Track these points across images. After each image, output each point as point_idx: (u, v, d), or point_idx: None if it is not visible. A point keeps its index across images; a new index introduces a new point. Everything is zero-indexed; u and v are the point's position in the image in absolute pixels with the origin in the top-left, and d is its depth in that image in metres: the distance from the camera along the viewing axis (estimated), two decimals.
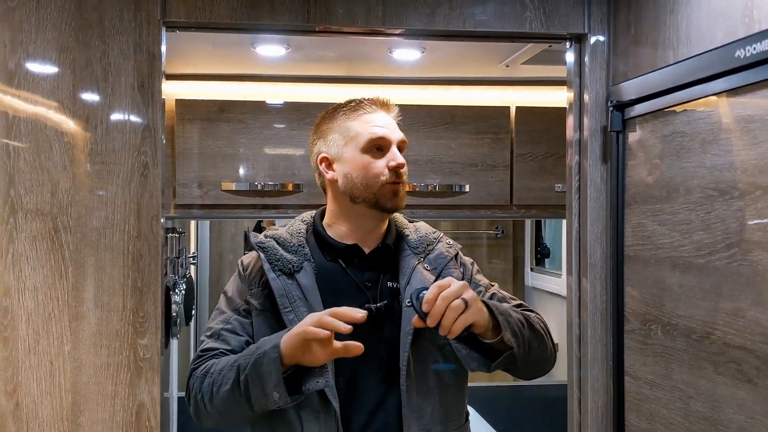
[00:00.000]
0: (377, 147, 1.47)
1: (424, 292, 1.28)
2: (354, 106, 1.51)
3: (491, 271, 3.98)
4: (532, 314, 1.52)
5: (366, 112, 1.50)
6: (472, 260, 1.63)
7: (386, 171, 1.46)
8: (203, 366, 1.42)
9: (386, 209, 1.48)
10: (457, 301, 1.26)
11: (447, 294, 1.26)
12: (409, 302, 1.44)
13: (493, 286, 1.61)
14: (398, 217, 1.61)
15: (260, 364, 1.30)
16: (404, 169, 1.48)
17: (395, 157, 1.46)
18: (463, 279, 1.55)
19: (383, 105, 1.52)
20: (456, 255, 1.58)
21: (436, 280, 1.48)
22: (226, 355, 1.44)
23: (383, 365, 1.45)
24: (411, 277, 1.48)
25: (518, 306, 1.56)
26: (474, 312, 1.29)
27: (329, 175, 1.52)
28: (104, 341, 1.55)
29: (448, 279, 1.31)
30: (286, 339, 1.30)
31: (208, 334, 1.49)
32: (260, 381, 1.30)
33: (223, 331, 1.47)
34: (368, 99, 1.53)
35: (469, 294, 1.29)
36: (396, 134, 1.49)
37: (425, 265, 1.52)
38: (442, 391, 1.48)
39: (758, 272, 1.18)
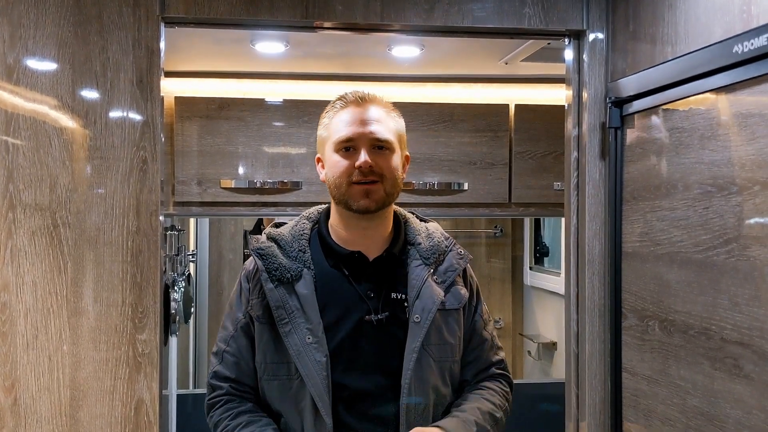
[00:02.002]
0: (345, 147, 1.41)
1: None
2: (333, 103, 1.48)
3: (490, 271, 3.98)
4: (498, 397, 1.53)
5: (339, 110, 1.45)
6: (477, 283, 1.61)
7: (354, 170, 1.40)
8: (218, 416, 1.46)
9: (354, 210, 1.42)
10: None
11: None
12: (417, 318, 1.42)
13: (489, 323, 1.59)
14: (411, 219, 1.57)
15: None
16: (384, 168, 1.41)
17: (360, 156, 1.40)
18: (468, 299, 1.52)
19: (358, 100, 1.45)
20: (464, 269, 1.55)
21: (444, 296, 1.46)
22: (233, 396, 1.48)
23: (384, 378, 1.42)
24: (421, 290, 1.44)
25: (499, 364, 1.56)
26: None
27: (321, 175, 1.50)
28: (103, 336, 1.55)
29: None
30: None
31: (215, 350, 1.52)
32: None
33: (225, 354, 1.49)
34: (346, 95, 1.47)
35: None
36: (366, 132, 1.41)
37: (435, 277, 1.48)
38: (439, 407, 1.46)
39: (756, 267, 1.18)
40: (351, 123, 1.42)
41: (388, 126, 1.45)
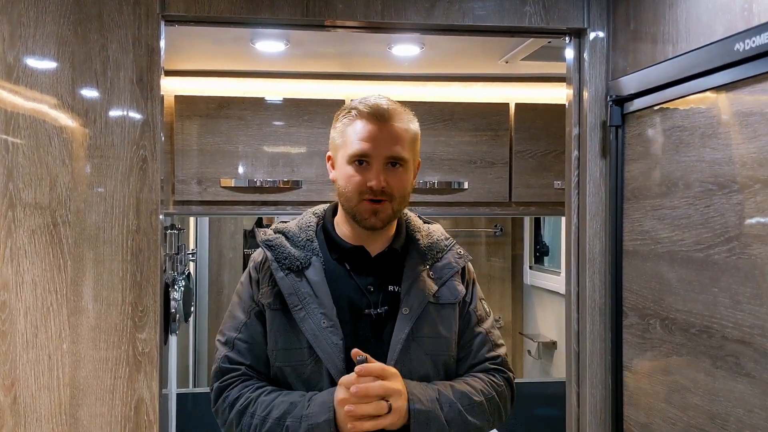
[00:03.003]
0: (360, 161, 1.41)
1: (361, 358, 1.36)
2: (351, 110, 1.45)
3: (490, 270, 3.97)
4: (481, 383, 1.49)
5: (357, 119, 1.42)
6: (475, 278, 1.61)
7: (366, 188, 1.40)
8: (236, 393, 1.44)
9: (362, 226, 1.43)
10: (382, 403, 1.32)
11: (374, 387, 1.32)
12: (406, 311, 1.43)
13: (486, 320, 1.58)
14: (413, 218, 1.59)
15: None
16: (395, 188, 1.41)
17: (374, 176, 1.39)
18: (464, 296, 1.52)
19: (379, 115, 1.42)
20: (463, 268, 1.55)
21: (438, 290, 1.47)
22: (250, 376, 1.46)
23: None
24: (412, 284, 1.46)
25: (494, 360, 1.54)
26: (391, 421, 1.34)
27: (331, 174, 1.50)
28: (103, 335, 1.54)
29: (391, 371, 1.36)
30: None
31: (222, 339, 1.49)
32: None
33: (237, 341, 1.47)
34: (365, 101, 1.45)
35: (398, 402, 1.34)
36: (384, 150, 1.40)
37: (431, 273, 1.49)
38: None
39: (757, 266, 1.18)
40: (367, 138, 1.40)
41: (403, 141, 1.43)
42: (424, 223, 1.60)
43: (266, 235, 1.50)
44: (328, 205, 1.58)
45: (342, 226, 1.51)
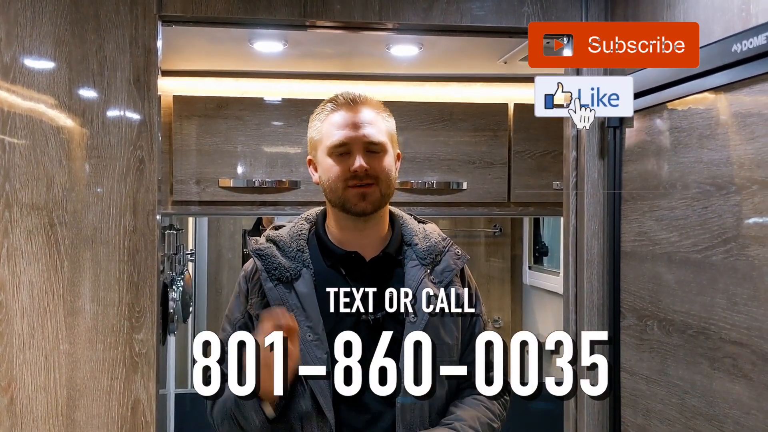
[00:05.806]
0: (340, 152, 1.41)
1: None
2: (324, 106, 1.47)
3: (489, 270, 3.97)
4: (497, 406, 1.49)
5: (331, 113, 1.44)
6: (476, 284, 1.61)
7: (349, 174, 1.40)
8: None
9: (353, 212, 1.43)
10: None
11: None
12: (413, 318, 1.43)
13: (487, 324, 1.58)
14: (408, 220, 1.58)
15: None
16: (379, 170, 1.41)
17: (354, 161, 1.40)
18: (466, 299, 1.52)
19: (349, 103, 1.44)
20: (462, 269, 1.56)
21: (441, 295, 1.47)
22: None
23: (381, 377, 1.43)
24: (417, 290, 1.46)
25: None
26: None
27: (314, 177, 1.50)
28: (100, 336, 1.54)
29: None
30: None
31: None
32: (241, 411, 1.35)
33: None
34: (336, 97, 1.46)
35: None
36: (359, 135, 1.41)
37: (432, 277, 1.49)
38: (435, 406, 1.46)
39: (755, 267, 1.17)
40: (343, 126, 1.42)
41: (380, 128, 1.45)
42: (419, 223, 1.60)
43: (257, 244, 1.49)
44: (320, 210, 1.57)
45: (334, 231, 1.50)
